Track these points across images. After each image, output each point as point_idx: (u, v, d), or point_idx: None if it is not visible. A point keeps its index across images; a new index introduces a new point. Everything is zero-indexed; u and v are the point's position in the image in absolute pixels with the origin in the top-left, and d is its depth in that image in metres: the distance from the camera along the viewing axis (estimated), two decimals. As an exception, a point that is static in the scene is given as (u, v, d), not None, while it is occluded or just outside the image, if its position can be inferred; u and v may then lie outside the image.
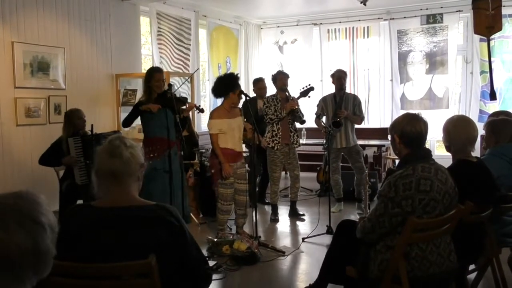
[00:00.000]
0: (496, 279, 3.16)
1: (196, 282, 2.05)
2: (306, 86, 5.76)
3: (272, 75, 5.92)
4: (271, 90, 6.22)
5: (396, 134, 2.64)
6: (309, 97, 5.79)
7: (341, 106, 5.96)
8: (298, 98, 5.68)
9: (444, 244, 2.57)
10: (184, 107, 5.02)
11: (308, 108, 6.82)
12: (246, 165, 5.06)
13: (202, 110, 5.18)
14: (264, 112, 5.74)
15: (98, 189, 1.95)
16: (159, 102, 4.75)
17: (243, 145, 5.19)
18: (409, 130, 2.58)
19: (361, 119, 6.18)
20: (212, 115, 4.89)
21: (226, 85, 4.85)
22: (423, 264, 2.49)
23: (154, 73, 4.84)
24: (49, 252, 1.18)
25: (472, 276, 3.52)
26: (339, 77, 6.05)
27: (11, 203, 1.16)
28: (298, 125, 5.90)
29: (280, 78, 5.78)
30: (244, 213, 5.06)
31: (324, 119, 6.19)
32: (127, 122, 4.93)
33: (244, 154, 5.29)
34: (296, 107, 5.59)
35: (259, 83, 6.50)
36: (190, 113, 6.30)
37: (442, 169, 2.57)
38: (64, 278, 1.75)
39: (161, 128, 4.75)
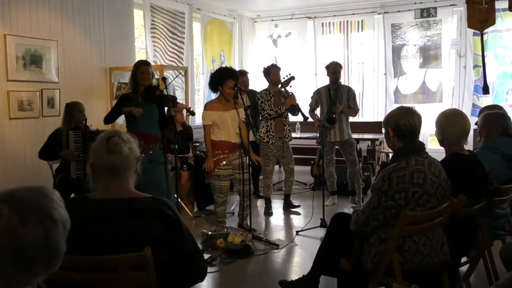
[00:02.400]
0: (488, 271, 3.19)
1: (192, 274, 2.06)
2: (287, 76, 5.75)
3: (264, 68, 5.90)
4: (263, 83, 6.21)
5: (390, 127, 2.64)
6: (290, 86, 5.77)
7: (336, 101, 5.96)
8: (281, 88, 5.68)
9: (437, 236, 2.59)
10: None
11: (304, 102, 6.83)
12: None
13: (192, 113, 5.16)
14: (261, 107, 5.73)
15: (94, 182, 1.95)
16: (146, 96, 4.72)
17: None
18: (403, 123, 2.59)
19: (355, 112, 6.19)
20: (206, 107, 4.98)
21: (216, 79, 4.91)
22: (416, 257, 2.51)
23: (141, 66, 4.76)
24: (60, 248, 1.20)
25: (464, 268, 3.56)
26: (334, 71, 6.04)
27: (31, 197, 1.18)
28: (292, 119, 5.91)
29: (273, 72, 5.76)
30: (247, 204, 5.05)
31: (318, 111, 6.20)
32: (109, 119, 4.87)
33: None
34: (296, 103, 5.59)
35: (241, 77, 6.45)
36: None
37: (435, 162, 2.59)
38: (59, 270, 1.74)
39: (147, 124, 4.73)
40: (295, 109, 5.63)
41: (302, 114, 5.66)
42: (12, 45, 5.23)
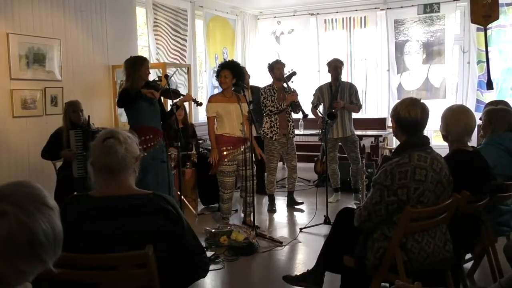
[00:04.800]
0: (492, 268, 3.18)
1: (193, 270, 2.06)
2: (289, 71, 5.75)
3: (269, 64, 5.91)
4: (267, 79, 6.21)
5: (393, 119, 2.62)
6: (292, 82, 5.78)
7: (337, 97, 5.94)
8: (283, 83, 5.68)
9: (440, 234, 2.58)
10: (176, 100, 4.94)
11: (306, 99, 6.82)
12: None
13: (199, 104, 5.13)
14: (263, 104, 5.73)
15: (94, 180, 1.96)
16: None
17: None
18: (404, 116, 2.55)
19: (358, 107, 6.17)
20: (210, 99, 5.11)
21: (217, 72, 5.06)
22: (420, 256, 2.49)
23: (145, 62, 4.67)
24: (61, 232, 1.25)
25: (468, 265, 3.55)
26: (335, 67, 6.02)
27: (24, 191, 1.21)
28: (295, 116, 5.90)
29: (277, 68, 5.76)
30: (250, 201, 5.05)
31: (321, 108, 6.18)
32: (124, 103, 4.64)
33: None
34: (297, 100, 5.59)
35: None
36: (187, 104, 6.28)
37: (438, 159, 2.56)
38: (61, 268, 1.74)
39: (151, 118, 4.70)
40: (296, 106, 5.63)
41: (302, 111, 5.66)
42: (15, 44, 5.23)
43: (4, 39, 5.15)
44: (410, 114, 2.54)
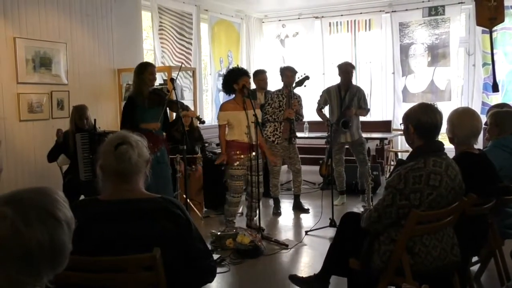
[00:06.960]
0: (499, 271, 3.17)
1: (201, 274, 2.06)
2: (301, 76, 5.74)
3: (280, 69, 5.90)
4: (271, 83, 6.21)
5: (411, 124, 2.57)
6: (304, 86, 5.76)
7: (351, 105, 5.90)
8: (294, 88, 5.68)
9: (447, 237, 2.57)
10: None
11: (310, 101, 6.83)
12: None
13: (202, 121, 5.19)
14: (265, 110, 5.71)
15: (103, 183, 1.96)
16: (153, 99, 4.70)
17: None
18: (425, 120, 2.52)
19: (366, 111, 6.17)
20: (221, 107, 5.08)
21: (231, 78, 4.94)
22: (427, 260, 2.49)
23: (148, 67, 4.69)
24: (66, 247, 1.20)
25: (475, 268, 3.54)
26: (346, 71, 5.98)
27: (34, 198, 1.19)
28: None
29: (286, 75, 5.74)
30: (256, 206, 5.04)
31: (327, 110, 6.17)
32: (126, 126, 4.57)
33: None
34: (293, 117, 5.60)
35: (259, 75, 6.39)
36: (193, 107, 6.31)
37: (453, 165, 2.54)
38: (69, 271, 1.75)
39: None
40: (291, 122, 5.64)
41: (297, 119, 5.72)
42: (21, 48, 5.27)
43: (11, 43, 5.19)
44: (431, 119, 2.51)
